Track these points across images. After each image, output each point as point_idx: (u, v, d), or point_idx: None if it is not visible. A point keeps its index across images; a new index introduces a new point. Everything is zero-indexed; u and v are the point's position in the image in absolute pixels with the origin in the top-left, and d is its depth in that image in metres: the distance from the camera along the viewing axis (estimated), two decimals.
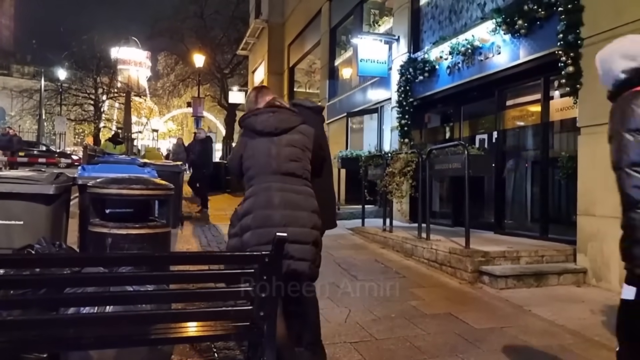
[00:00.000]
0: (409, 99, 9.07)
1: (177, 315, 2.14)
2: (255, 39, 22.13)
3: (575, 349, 3.64)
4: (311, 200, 2.74)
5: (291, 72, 18.91)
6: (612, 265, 5.09)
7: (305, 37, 17.07)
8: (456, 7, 8.37)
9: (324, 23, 14.67)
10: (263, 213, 2.63)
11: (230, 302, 2.20)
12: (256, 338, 2.23)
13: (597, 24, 5.30)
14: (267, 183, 2.69)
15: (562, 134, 6.55)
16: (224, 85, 33.09)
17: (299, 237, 2.62)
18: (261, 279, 2.12)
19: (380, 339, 3.77)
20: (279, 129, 2.76)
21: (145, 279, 2.08)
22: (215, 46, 31.18)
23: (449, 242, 6.11)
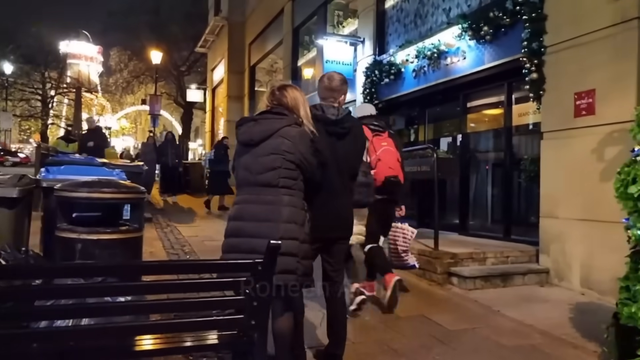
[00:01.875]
0: (374, 101, 9.13)
1: (166, 326, 2.05)
2: (214, 37, 21.79)
3: (545, 348, 3.75)
4: (283, 210, 2.65)
5: (252, 71, 18.72)
6: (573, 266, 5.29)
7: (266, 36, 16.93)
8: (421, 11, 8.50)
9: (287, 23, 14.59)
10: (234, 224, 2.73)
11: (220, 311, 2.14)
12: (246, 347, 2.17)
13: (560, 33, 5.50)
14: (243, 195, 2.77)
15: (525, 138, 6.76)
16: (181, 83, 32.45)
17: (261, 248, 2.54)
18: (253, 288, 2.07)
19: (357, 342, 3.76)
20: (255, 140, 2.74)
21: (133, 289, 1.99)
22: (171, 43, 30.47)
23: (417, 243, 6.17)
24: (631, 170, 3.17)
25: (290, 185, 2.70)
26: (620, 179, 3.31)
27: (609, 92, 4.91)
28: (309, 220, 2.78)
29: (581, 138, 5.16)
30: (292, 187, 2.71)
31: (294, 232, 2.64)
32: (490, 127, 7.47)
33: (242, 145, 2.82)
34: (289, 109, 2.82)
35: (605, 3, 4.99)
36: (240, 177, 2.79)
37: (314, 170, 2.78)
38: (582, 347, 3.75)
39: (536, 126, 6.13)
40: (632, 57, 4.75)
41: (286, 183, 2.69)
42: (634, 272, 3.29)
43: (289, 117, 2.79)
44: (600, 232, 4.95)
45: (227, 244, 2.72)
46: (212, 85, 23.59)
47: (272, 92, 2.91)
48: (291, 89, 2.89)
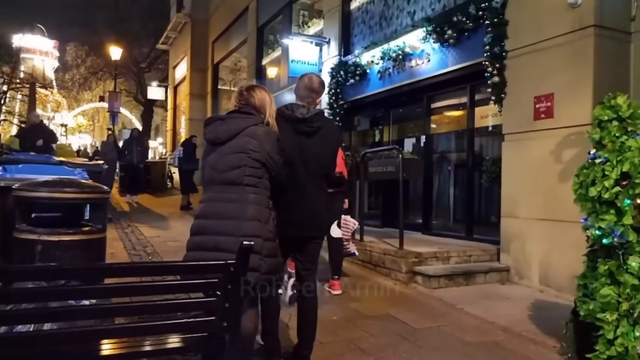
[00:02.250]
0: (339, 102, 9.19)
1: (133, 329, 2.00)
2: (176, 34, 21.42)
3: (508, 345, 3.85)
4: (248, 208, 2.67)
5: (215, 69, 18.49)
6: (532, 264, 5.46)
7: (230, 35, 16.75)
8: (386, 13, 8.59)
9: (251, 21, 14.49)
10: (199, 222, 2.76)
11: (191, 313, 2.10)
12: (217, 350, 2.14)
13: (520, 38, 5.66)
14: (209, 194, 2.80)
15: (487, 140, 6.93)
16: (141, 80, 31.67)
17: (225, 245, 2.58)
18: (225, 289, 2.04)
19: (325, 342, 3.77)
20: (221, 139, 2.77)
21: (100, 291, 1.93)
22: (131, 39, 29.69)
23: (382, 243, 6.25)
24: (590, 172, 3.29)
25: (255, 183, 2.73)
26: (578, 182, 3.43)
27: (566, 97, 5.09)
28: (273, 218, 2.79)
29: (540, 140, 5.33)
30: (257, 185, 2.73)
31: (258, 230, 2.66)
32: (453, 129, 7.62)
33: (209, 144, 2.87)
34: (257, 109, 2.87)
35: (564, 10, 5.17)
36: (206, 175, 2.83)
37: (279, 169, 2.82)
38: (542, 342, 3.87)
39: (498, 128, 6.30)
40: (589, 63, 4.94)
41: (251, 181, 2.72)
42: (591, 270, 3.42)
43: (256, 116, 2.84)
44: (557, 231, 5.13)
45: (192, 241, 2.75)
46: (174, 83, 23.18)
47: (240, 92, 2.94)
48: (259, 90, 2.94)
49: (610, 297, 3.10)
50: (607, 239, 3.17)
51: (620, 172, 3.12)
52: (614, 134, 3.27)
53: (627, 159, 3.10)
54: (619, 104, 3.31)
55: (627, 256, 3.12)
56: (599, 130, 3.36)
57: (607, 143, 3.29)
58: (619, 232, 3.10)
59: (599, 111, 3.40)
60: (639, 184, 3.09)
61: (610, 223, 3.14)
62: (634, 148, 3.12)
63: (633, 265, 3.07)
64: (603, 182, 3.16)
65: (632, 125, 3.28)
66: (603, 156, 3.25)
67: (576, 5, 5.03)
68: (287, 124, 3.01)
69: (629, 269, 3.09)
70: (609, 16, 5.01)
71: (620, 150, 3.16)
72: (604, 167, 3.18)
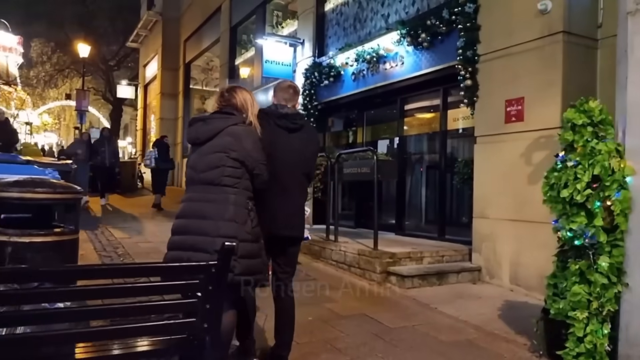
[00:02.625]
0: (313, 103, 9.21)
1: (111, 332, 1.96)
2: (147, 32, 21.10)
3: (480, 343, 3.93)
4: (226, 209, 2.67)
5: (187, 68, 18.29)
6: (503, 264, 5.58)
7: (203, 34, 16.60)
8: (361, 15, 8.65)
9: (224, 21, 14.38)
10: (178, 222, 2.78)
11: (164, 315, 2.07)
12: (197, 351, 2.12)
13: (492, 43, 5.79)
14: (189, 194, 2.82)
15: (459, 142, 7.05)
16: (110, 78, 31.04)
17: (202, 245, 2.59)
18: (206, 290, 2.03)
19: (302, 342, 3.77)
20: (201, 139, 2.79)
21: (79, 293, 1.89)
22: (99, 36, 29.07)
23: (357, 244, 6.29)
24: (562, 175, 3.39)
25: (234, 183, 2.72)
26: (548, 183, 3.53)
27: (536, 100, 5.23)
28: (253, 219, 2.78)
29: (511, 143, 5.46)
30: (236, 186, 2.73)
31: (234, 231, 2.65)
32: (426, 131, 7.72)
33: (190, 144, 2.91)
34: (238, 109, 2.87)
35: (534, 17, 5.30)
36: (187, 175, 2.85)
37: (260, 167, 2.80)
38: (514, 340, 3.96)
39: (470, 130, 6.41)
40: (558, 68, 5.08)
41: (230, 182, 2.71)
42: (560, 270, 3.53)
43: (237, 116, 2.84)
44: (527, 231, 5.26)
45: (171, 241, 2.76)
46: (144, 81, 22.82)
47: (221, 93, 2.96)
48: (240, 90, 2.95)
49: (581, 296, 3.20)
50: (578, 241, 3.27)
51: (592, 175, 3.22)
52: (586, 138, 3.37)
53: (598, 162, 3.20)
54: (592, 108, 3.41)
55: (597, 256, 3.22)
56: (571, 132, 3.46)
57: (579, 147, 3.39)
58: (590, 234, 3.20)
59: (572, 114, 3.48)
60: (609, 187, 3.19)
61: (581, 225, 3.24)
62: (604, 152, 3.23)
63: (603, 265, 3.18)
64: (575, 185, 3.25)
65: (603, 130, 3.39)
66: (574, 159, 3.34)
67: (546, 11, 5.17)
68: (270, 121, 3.05)
69: (599, 268, 3.19)
70: (577, 23, 5.16)
71: (591, 154, 3.26)
72: (576, 170, 3.27)
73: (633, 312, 3.15)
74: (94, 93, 33.11)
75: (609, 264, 3.17)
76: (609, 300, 3.18)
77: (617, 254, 3.18)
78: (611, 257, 3.18)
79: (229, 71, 14.08)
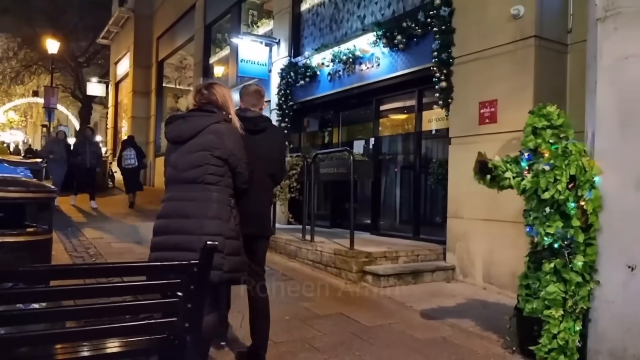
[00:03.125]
0: (289, 103, 9.21)
1: (92, 332, 1.94)
2: (118, 29, 20.71)
3: (455, 340, 4.01)
4: (209, 207, 2.66)
5: (160, 66, 18.02)
6: (476, 263, 5.69)
7: (176, 32, 16.40)
8: (337, 16, 8.69)
9: (199, 19, 14.25)
10: (160, 222, 2.74)
11: (152, 314, 2.06)
12: (178, 351, 2.11)
13: (466, 46, 5.89)
14: (171, 193, 2.79)
15: (434, 143, 7.16)
16: (79, 75, 30.34)
17: (186, 244, 2.58)
18: (188, 289, 2.02)
19: (280, 341, 3.78)
20: (183, 138, 2.76)
21: (58, 293, 1.86)
22: (68, 32, 28.37)
23: (333, 243, 6.32)
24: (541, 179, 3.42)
25: (217, 181, 2.73)
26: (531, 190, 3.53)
27: (509, 103, 5.35)
28: (235, 216, 2.79)
29: (485, 144, 5.54)
30: (219, 184, 2.73)
31: (219, 228, 2.66)
32: (401, 132, 7.80)
33: (170, 142, 2.85)
34: (219, 107, 2.85)
35: (506, 21, 5.43)
36: (168, 174, 2.81)
37: (242, 165, 2.81)
38: (487, 337, 4.05)
39: (444, 131, 6.51)
40: (530, 71, 5.21)
41: (213, 179, 2.71)
42: (533, 271, 3.62)
43: (218, 114, 2.82)
44: (499, 230, 5.38)
45: (154, 242, 2.73)
46: (116, 79, 22.41)
47: (199, 90, 2.92)
48: (219, 87, 2.92)
49: (556, 294, 3.29)
50: (557, 243, 3.36)
51: (569, 175, 3.31)
52: (548, 140, 3.47)
53: (572, 162, 3.31)
54: (551, 112, 3.53)
55: (572, 255, 3.31)
56: (533, 137, 3.56)
57: (544, 150, 3.48)
58: (568, 235, 3.29)
59: (533, 119, 3.60)
60: (583, 187, 3.29)
61: (559, 228, 3.33)
62: (575, 152, 3.34)
63: (578, 264, 3.28)
64: (556, 187, 3.32)
65: (564, 132, 3.50)
66: (546, 162, 3.42)
67: (518, 16, 5.30)
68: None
69: (574, 267, 3.29)
70: (548, 28, 5.31)
71: (564, 154, 3.36)
72: (555, 173, 3.35)
73: (603, 308, 3.26)
74: (62, 90, 32.30)
75: (583, 263, 3.27)
76: (583, 298, 3.29)
77: (591, 252, 3.29)
78: (585, 255, 3.28)
79: (203, 70, 13.95)
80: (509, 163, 3.74)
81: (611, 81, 3.29)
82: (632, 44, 3.19)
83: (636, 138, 3.15)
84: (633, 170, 3.16)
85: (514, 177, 3.66)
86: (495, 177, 3.75)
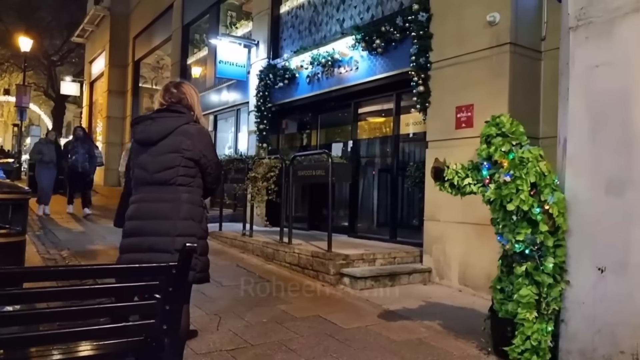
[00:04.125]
0: (267, 104, 9.20)
1: (68, 335, 1.91)
2: (94, 27, 20.38)
3: (431, 341, 4.05)
4: (181, 208, 2.66)
5: (136, 66, 17.80)
6: (452, 265, 5.77)
7: (153, 31, 16.22)
8: (316, 19, 8.72)
9: (176, 19, 14.13)
10: (132, 223, 2.72)
11: (129, 317, 2.04)
12: (155, 354, 2.09)
13: (444, 51, 5.98)
14: (140, 194, 2.76)
15: (412, 146, 7.23)
16: (52, 74, 29.74)
17: (161, 245, 2.58)
18: (167, 291, 2.01)
19: (256, 344, 3.78)
20: (153, 140, 2.73)
21: (34, 296, 1.83)
22: (42, 29, 27.79)
23: (310, 245, 6.33)
24: (504, 190, 3.47)
25: (188, 182, 2.72)
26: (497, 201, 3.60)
27: (485, 107, 5.44)
28: (207, 217, 2.81)
29: (461, 148, 5.64)
30: (190, 185, 2.74)
31: (192, 229, 2.66)
32: (379, 135, 7.85)
33: (139, 144, 2.80)
34: (187, 107, 2.84)
35: (482, 27, 5.53)
36: (137, 176, 2.78)
37: (212, 166, 2.82)
38: (463, 338, 4.10)
39: (421, 135, 6.58)
40: (505, 77, 5.32)
41: (184, 181, 2.71)
42: (506, 275, 3.70)
43: (187, 114, 2.81)
44: (474, 233, 5.47)
45: (125, 243, 2.70)
46: (90, 78, 22.04)
47: (167, 89, 2.88)
48: (187, 87, 2.90)
49: (529, 297, 3.36)
50: (527, 249, 3.43)
51: (530, 183, 3.39)
52: (500, 149, 3.54)
53: (530, 170, 3.38)
54: (503, 121, 3.61)
55: (543, 258, 3.39)
56: (485, 146, 3.64)
57: (498, 158, 3.55)
58: (538, 241, 3.37)
59: (486, 129, 3.69)
60: (544, 192, 3.37)
61: (528, 234, 3.40)
62: (532, 158, 3.42)
63: (549, 266, 3.36)
64: (519, 197, 3.39)
65: (515, 139, 3.57)
66: (507, 172, 3.49)
67: (494, 23, 5.40)
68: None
69: (545, 269, 3.37)
70: (523, 35, 5.43)
71: (522, 163, 3.43)
72: (516, 183, 3.42)
73: (574, 309, 3.34)
74: (35, 89, 31.63)
75: (553, 264, 3.35)
76: (555, 299, 3.37)
77: (560, 253, 3.38)
78: (555, 257, 3.37)
79: (180, 70, 13.82)
80: (469, 170, 3.82)
81: (582, 88, 3.38)
82: (602, 52, 3.28)
83: (606, 143, 3.25)
84: (603, 175, 3.25)
85: (476, 184, 3.74)
86: (453, 184, 3.83)
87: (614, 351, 3.13)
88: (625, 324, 3.08)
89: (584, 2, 3.38)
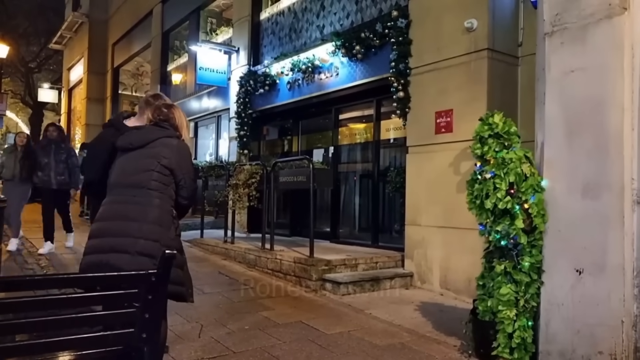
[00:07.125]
0: (248, 111, 9.18)
1: (47, 345, 1.87)
2: (72, 34, 20.15)
3: (413, 345, 4.06)
4: (151, 211, 2.65)
5: (115, 72, 17.64)
6: (434, 269, 5.80)
7: (133, 38, 16.09)
8: (296, 26, 8.74)
9: (156, 26, 14.03)
10: (97, 225, 2.69)
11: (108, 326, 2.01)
12: None
13: (423, 57, 6.04)
14: (112, 196, 2.75)
15: (392, 151, 7.27)
16: (29, 81, 29.29)
17: (122, 246, 2.55)
18: (146, 299, 1.98)
19: (239, 351, 3.75)
20: (134, 145, 2.78)
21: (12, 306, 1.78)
22: (18, 36, 27.35)
23: (292, 252, 6.31)
24: (483, 187, 3.62)
25: (160, 189, 2.72)
26: (472, 196, 3.74)
27: (464, 112, 5.51)
28: (177, 227, 2.79)
29: (441, 153, 5.71)
30: (163, 192, 2.73)
31: (157, 234, 2.63)
32: (360, 140, 7.88)
33: (120, 150, 2.84)
34: (174, 128, 2.91)
35: (461, 34, 5.60)
36: (112, 179, 2.79)
37: (187, 179, 2.82)
38: (444, 342, 4.13)
39: (402, 140, 6.63)
40: (483, 82, 5.39)
41: (157, 186, 2.71)
42: (488, 271, 3.74)
43: (171, 130, 2.88)
44: (455, 237, 5.51)
45: (89, 245, 2.66)
46: (69, 85, 21.76)
47: (158, 108, 2.96)
48: (177, 110, 3.00)
49: (509, 295, 3.42)
50: (504, 241, 3.51)
51: (508, 183, 3.47)
52: (494, 149, 3.64)
53: (511, 170, 3.47)
54: (496, 121, 3.68)
55: (520, 256, 3.46)
56: (480, 145, 3.72)
57: (490, 157, 3.64)
58: (512, 234, 3.45)
59: (480, 128, 3.76)
60: (525, 192, 3.45)
61: (505, 226, 3.48)
62: (515, 159, 3.50)
63: (526, 265, 3.42)
64: (496, 195, 3.48)
65: (507, 140, 3.67)
66: (490, 171, 3.58)
67: (472, 29, 5.48)
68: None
69: (522, 268, 3.43)
70: (500, 41, 5.51)
71: (504, 164, 3.52)
72: (494, 181, 3.51)
73: (553, 310, 3.38)
74: (11, 96, 31.06)
75: (530, 263, 3.43)
76: (532, 297, 3.45)
77: (536, 253, 3.46)
78: (532, 256, 3.44)
79: (160, 77, 13.73)
80: None
81: (558, 93, 3.44)
82: (577, 58, 3.35)
83: (581, 148, 3.31)
84: (579, 179, 3.31)
85: None
86: None
87: (592, 351, 3.17)
88: (604, 324, 3.13)
89: (559, 9, 3.44)
